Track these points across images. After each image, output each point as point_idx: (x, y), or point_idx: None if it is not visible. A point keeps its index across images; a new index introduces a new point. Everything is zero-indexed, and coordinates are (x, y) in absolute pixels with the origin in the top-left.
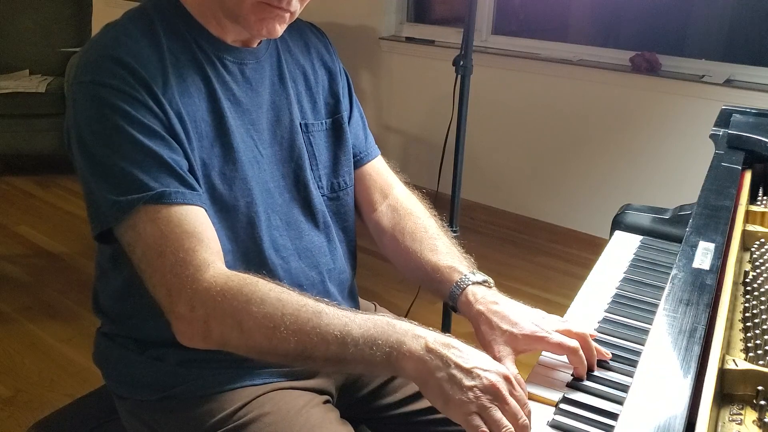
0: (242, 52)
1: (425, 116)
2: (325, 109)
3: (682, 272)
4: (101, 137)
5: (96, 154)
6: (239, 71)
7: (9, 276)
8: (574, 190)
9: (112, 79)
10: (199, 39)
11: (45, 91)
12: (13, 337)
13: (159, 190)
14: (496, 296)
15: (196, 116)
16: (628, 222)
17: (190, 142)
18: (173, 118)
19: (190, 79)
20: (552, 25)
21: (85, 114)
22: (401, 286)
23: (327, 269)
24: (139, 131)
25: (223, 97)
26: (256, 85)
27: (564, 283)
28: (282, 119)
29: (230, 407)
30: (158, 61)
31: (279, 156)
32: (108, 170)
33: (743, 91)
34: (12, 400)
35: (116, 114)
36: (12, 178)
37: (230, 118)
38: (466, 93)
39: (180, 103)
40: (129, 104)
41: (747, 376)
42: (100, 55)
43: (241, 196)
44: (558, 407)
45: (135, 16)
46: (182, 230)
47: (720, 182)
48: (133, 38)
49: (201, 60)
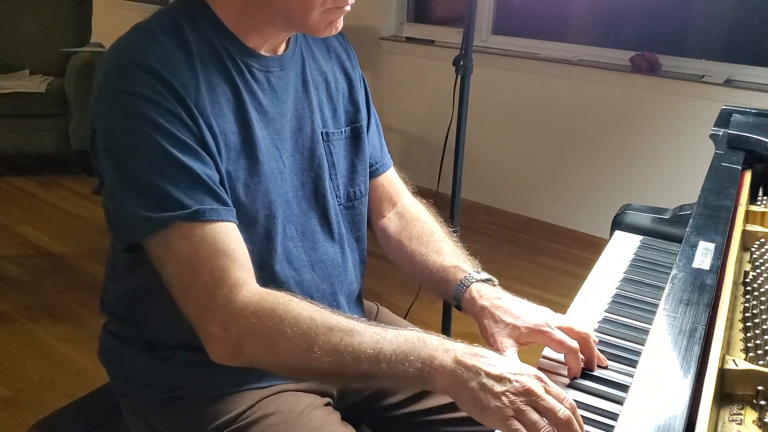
0: (269, 59)
1: (425, 116)
2: (344, 117)
3: (682, 272)
4: (133, 149)
5: (127, 166)
6: (265, 79)
7: (10, 276)
8: (574, 190)
9: (144, 88)
10: (228, 46)
11: (45, 91)
12: (14, 337)
13: (194, 208)
14: (499, 293)
15: (225, 128)
16: (628, 222)
17: (220, 154)
18: (205, 130)
19: (219, 89)
20: (552, 25)
21: (115, 124)
22: (402, 286)
23: (338, 281)
24: (172, 145)
25: (250, 107)
26: (281, 93)
27: (564, 283)
28: (304, 128)
29: (234, 409)
30: (189, 69)
31: (300, 165)
32: (140, 184)
33: (743, 91)
34: (12, 400)
35: (149, 125)
36: (13, 178)
37: (257, 129)
38: (466, 93)
39: (211, 115)
40: (162, 116)
41: (747, 376)
42: (130, 62)
43: (261, 209)
44: None
45: (163, 21)
46: (216, 248)
47: (720, 182)
48: (162, 45)
49: (229, 68)
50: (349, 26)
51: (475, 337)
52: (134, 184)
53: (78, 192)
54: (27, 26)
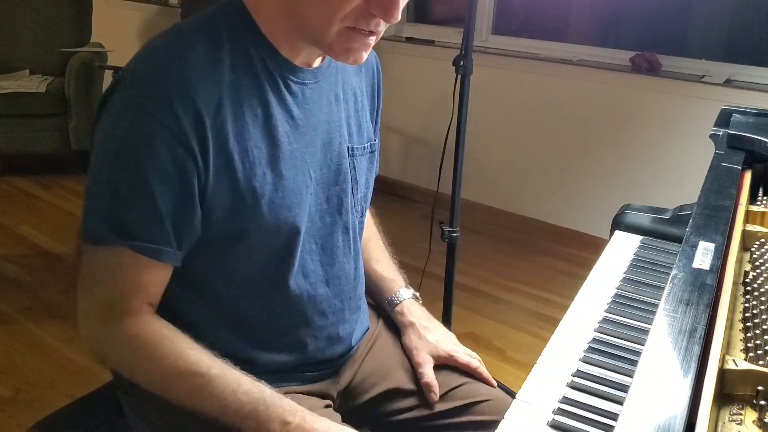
0: (305, 72)
1: (425, 116)
2: (366, 132)
3: (682, 272)
4: (123, 163)
5: (105, 174)
6: (300, 92)
7: (10, 276)
8: (574, 190)
9: (159, 108)
10: (265, 57)
11: (45, 91)
12: (14, 337)
13: (141, 245)
14: (424, 312)
15: (248, 144)
16: (628, 222)
17: (234, 173)
18: (211, 154)
19: (247, 104)
20: (552, 25)
21: (118, 131)
22: None
23: (348, 297)
24: (157, 177)
25: (281, 120)
26: (314, 106)
27: (564, 283)
28: (333, 141)
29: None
30: (216, 84)
31: (326, 179)
32: (107, 197)
33: (743, 91)
34: (13, 400)
35: (145, 149)
36: (13, 178)
37: (285, 143)
38: (466, 93)
39: (231, 133)
40: (167, 141)
41: (747, 376)
42: (155, 71)
43: (284, 223)
44: (558, 407)
45: (202, 27)
46: (135, 280)
47: (720, 182)
48: (195, 55)
49: (263, 80)
50: None
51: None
52: (100, 192)
53: (78, 192)
54: (27, 26)
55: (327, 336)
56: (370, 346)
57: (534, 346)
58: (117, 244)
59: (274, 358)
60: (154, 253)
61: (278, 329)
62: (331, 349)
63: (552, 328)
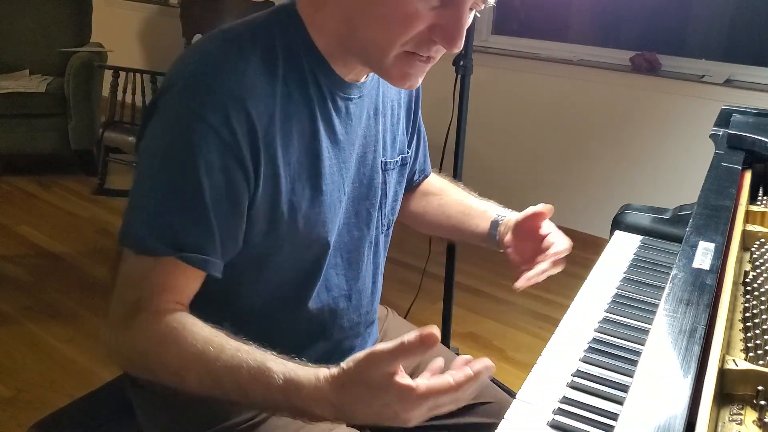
0: (352, 87)
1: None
2: (399, 145)
3: (682, 272)
4: (170, 169)
5: (155, 179)
6: (345, 108)
7: (10, 276)
8: (574, 190)
9: (216, 118)
10: (317, 72)
11: (45, 91)
12: (14, 337)
13: (190, 255)
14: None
15: (291, 159)
16: (628, 222)
17: (278, 185)
18: (263, 165)
19: (295, 118)
20: (552, 25)
21: (172, 139)
22: (401, 286)
23: (366, 311)
24: (208, 186)
25: (324, 136)
26: (355, 121)
27: (564, 283)
28: (367, 156)
29: (244, 411)
30: (270, 96)
31: (358, 193)
32: (156, 204)
33: (743, 91)
34: (13, 400)
35: (201, 159)
36: (13, 178)
37: (325, 159)
38: (466, 93)
39: (279, 145)
40: (220, 153)
41: (747, 376)
42: (212, 81)
43: (316, 239)
44: (558, 407)
45: (258, 35)
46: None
47: (720, 182)
48: (251, 65)
49: (312, 95)
50: None
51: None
52: (149, 197)
53: (78, 192)
54: (27, 26)
55: (341, 350)
56: None
57: (534, 346)
58: (165, 254)
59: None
60: (202, 264)
61: (297, 343)
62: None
63: (552, 328)
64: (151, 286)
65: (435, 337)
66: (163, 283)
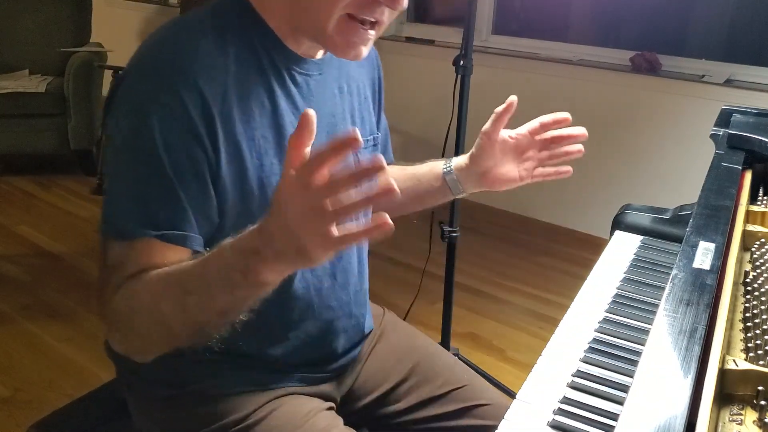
0: (309, 63)
1: (425, 116)
2: (368, 125)
3: (683, 272)
4: (134, 153)
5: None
6: (305, 83)
7: (9, 276)
8: (574, 190)
9: (168, 96)
10: (270, 49)
11: (45, 91)
12: (13, 336)
13: (170, 233)
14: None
15: (255, 134)
16: (628, 222)
17: (242, 162)
18: (222, 142)
19: (254, 95)
20: (552, 25)
21: (129, 123)
22: (401, 286)
23: (354, 291)
24: (172, 165)
25: (286, 111)
26: (319, 98)
27: (564, 283)
28: (336, 133)
29: (240, 410)
30: (223, 73)
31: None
32: (128, 189)
33: (743, 91)
34: (11, 399)
35: (159, 138)
36: (12, 178)
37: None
38: (466, 93)
39: (238, 122)
40: (176, 130)
41: (747, 376)
42: (163, 61)
43: None
44: (558, 407)
45: (205, 19)
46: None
47: (720, 182)
48: (202, 46)
49: (268, 71)
50: None
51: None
52: (121, 185)
53: (77, 192)
54: (26, 26)
55: (334, 329)
56: (372, 347)
57: (534, 346)
58: (145, 236)
59: (281, 352)
60: (182, 240)
61: (287, 323)
62: (336, 343)
63: (552, 328)
64: (136, 266)
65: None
66: (147, 263)
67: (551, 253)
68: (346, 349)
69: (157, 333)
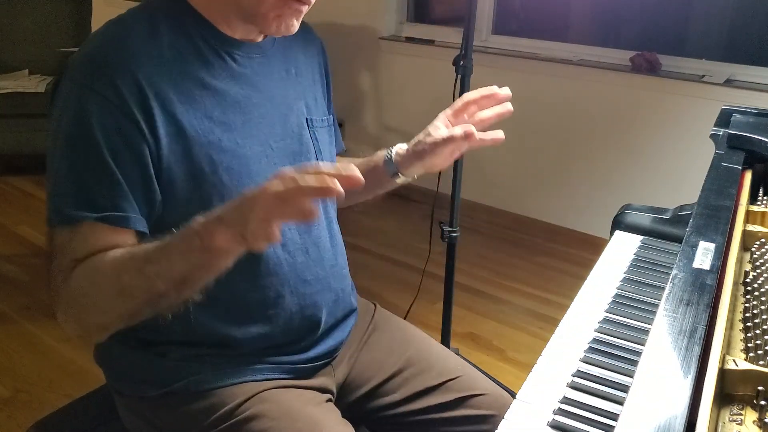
0: (250, 46)
1: (425, 116)
2: (321, 108)
3: (683, 272)
4: (73, 141)
5: (61, 155)
6: (248, 65)
7: (8, 276)
8: (574, 190)
9: (102, 85)
10: (206, 35)
11: (44, 91)
12: (13, 337)
13: (109, 215)
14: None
15: (198, 114)
16: (628, 222)
17: (187, 142)
18: (161, 124)
19: (193, 77)
20: (552, 25)
21: (67, 114)
22: (401, 285)
23: (330, 265)
24: (110, 149)
25: (230, 91)
26: (265, 79)
27: (564, 283)
28: (291, 113)
29: (231, 403)
30: (158, 60)
31: (290, 149)
32: (65, 175)
33: (743, 91)
34: (11, 400)
35: (96, 125)
36: (11, 177)
37: (238, 114)
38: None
39: (178, 103)
40: (112, 116)
41: (747, 376)
42: (97, 53)
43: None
44: (558, 407)
45: (137, 13)
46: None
47: (720, 182)
48: (134, 36)
49: (207, 56)
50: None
51: (475, 337)
52: (61, 173)
53: None
54: (26, 26)
55: (314, 303)
56: (366, 340)
57: (534, 346)
58: (85, 219)
59: (264, 330)
60: (123, 221)
61: (264, 300)
62: (319, 317)
63: (552, 328)
64: (83, 251)
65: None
66: (93, 246)
67: (551, 253)
68: (330, 325)
69: (117, 305)
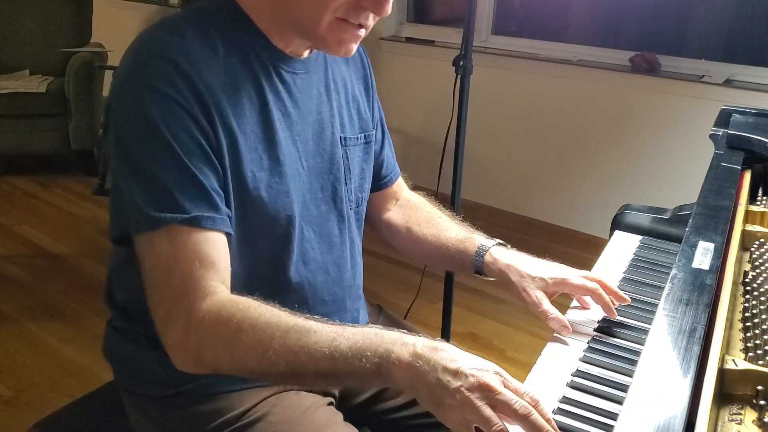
0: (296, 61)
1: (425, 116)
2: (359, 124)
3: (682, 272)
4: (143, 144)
5: (134, 160)
6: (292, 81)
7: (10, 276)
8: (574, 190)
9: (165, 84)
10: (257, 46)
11: (45, 91)
12: (15, 337)
13: (192, 214)
14: (517, 253)
15: (246, 128)
16: (627, 222)
17: (238, 155)
18: (220, 131)
19: (243, 89)
20: (552, 25)
21: (129, 116)
22: (401, 285)
23: (348, 285)
24: (181, 146)
25: (274, 107)
26: (305, 96)
27: None
28: (325, 131)
29: (238, 407)
30: (214, 68)
31: (320, 168)
32: (144, 179)
33: (743, 91)
34: (13, 400)
35: (162, 124)
36: (13, 178)
37: (279, 130)
38: (466, 93)
39: (231, 114)
40: (177, 114)
41: (746, 375)
42: (155, 55)
43: (282, 209)
44: (558, 407)
45: (192, 18)
46: (196, 256)
47: (720, 182)
48: (189, 41)
49: (256, 68)
50: None
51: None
52: (138, 177)
53: (78, 192)
54: (27, 26)
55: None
56: None
57: (534, 346)
58: (171, 222)
59: None
60: (209, 222)
61: None
62: None
63: (552, 328)
64: (187, 269)
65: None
66: (191, 256)
67: (551, 253)
68: None
69: (249, 359)
